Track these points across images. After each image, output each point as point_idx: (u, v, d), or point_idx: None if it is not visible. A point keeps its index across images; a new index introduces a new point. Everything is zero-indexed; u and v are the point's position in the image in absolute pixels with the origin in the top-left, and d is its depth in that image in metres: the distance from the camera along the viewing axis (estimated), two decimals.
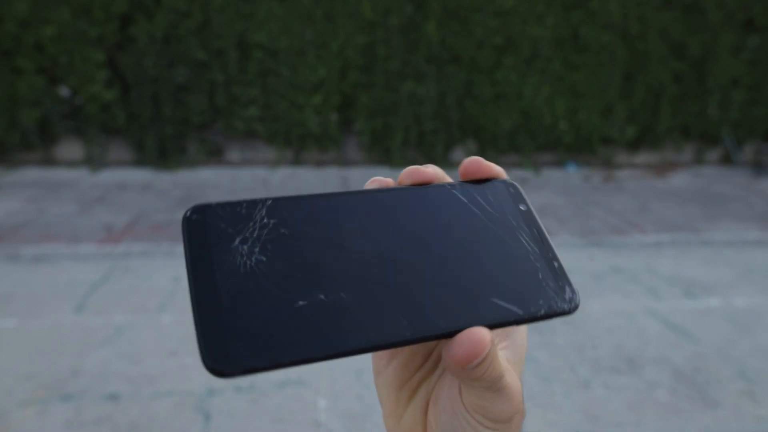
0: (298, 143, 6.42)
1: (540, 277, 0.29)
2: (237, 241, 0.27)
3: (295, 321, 0.25)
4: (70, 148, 6.16)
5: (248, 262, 0.26)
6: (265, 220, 0.28)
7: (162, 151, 6.14)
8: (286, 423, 2.08)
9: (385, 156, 6.58)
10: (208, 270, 0.26)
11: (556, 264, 0.30)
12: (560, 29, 6.42)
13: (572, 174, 6.53)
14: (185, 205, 4.82)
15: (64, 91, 5.88)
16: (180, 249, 3.75)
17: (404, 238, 0.29)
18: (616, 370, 2.47)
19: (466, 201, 0.31)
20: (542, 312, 0.28)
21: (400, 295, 0.27)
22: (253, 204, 0.28)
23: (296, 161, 6.52)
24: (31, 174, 5.75)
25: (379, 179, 0.32)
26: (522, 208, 0.32)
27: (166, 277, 3.33)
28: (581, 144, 6.77)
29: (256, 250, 0.27)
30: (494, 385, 0.27)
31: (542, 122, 6.57)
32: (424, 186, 0.32)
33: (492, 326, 0.27)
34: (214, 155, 6.43)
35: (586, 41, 6.47)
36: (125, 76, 5.94)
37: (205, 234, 0.27)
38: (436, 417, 0.30)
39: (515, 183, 0.33)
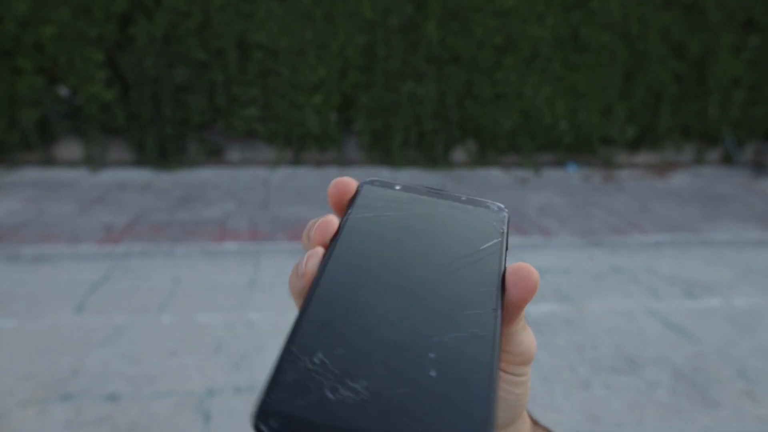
0: (298, 143, 6.42)
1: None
2: None
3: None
4: (70, 148, 6.16)
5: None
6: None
7: (162, 151, 6.14)
8: None
9: (385, 156, 6.58)
10: None
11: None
12: (560, 29, 6.42)
13: (572, 174, 6.53)
14: (185, 205, 4.82)
15: (63, 91, 5.88)
16: (179, 249, 3.75)
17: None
18: (617, 370, 2.47)
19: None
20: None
21: None
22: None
23: (296, 161, 6.52)
24: (31, 174, 5.75)
25: (342, 181, 0.31)
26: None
27: (165, 277, 3.33)
28: (581, 144, 6.77)
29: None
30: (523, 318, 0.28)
31: (542, 122, 6.56)
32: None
33: None
34: (214, 155, 6.43)
35: (586, 41, 6.47)
36: (125, 76, 5.94)
37: None
38: None
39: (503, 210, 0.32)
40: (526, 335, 0.29)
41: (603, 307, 3.09)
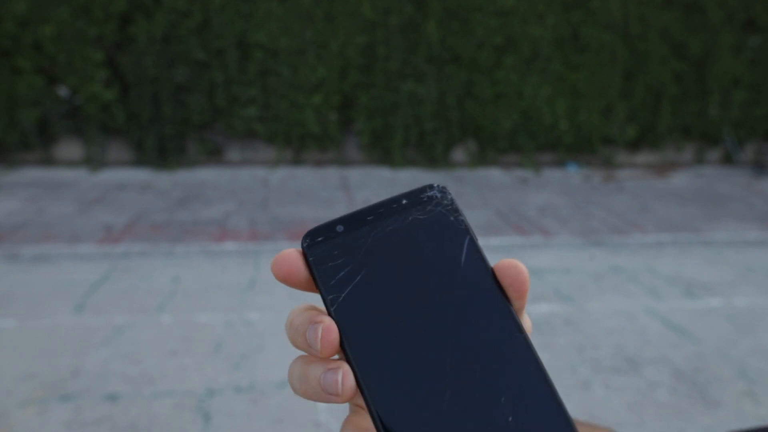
0: (297, 143, 6.42)
1: None
2: None
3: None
4: (70, 148, 6.16)
5: None
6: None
7: (162, 151, 6.14)
8: (286, 423, 2.07)
9: (385, 156, 6.58)
10: None
11: None
12: (560, 29, 6.42)
13: (572, 174, 6.53)
14: (185, 205, 4.82)
15: (62, 91, 5.88)
16: (179, 248, 3.75)
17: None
18: (617, 370, 2.47)
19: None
20: None
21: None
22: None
23: (296, 161, 6.52)
24: (31, 174, 5.75)
25: (284, 257, 0.28)
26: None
27: (165, 277, 3.33)
28: (581, 144, 6.77)
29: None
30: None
31: (542, 122, 6.57)
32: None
33: None
34: (214, 155, 6.43)
35: (587, 41, 6.47)
36: (125, 76, 5.94)
37: None
38: None
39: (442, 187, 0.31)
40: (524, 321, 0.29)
41: (603, 307, 3.09)
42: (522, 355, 0.26)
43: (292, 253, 0.28)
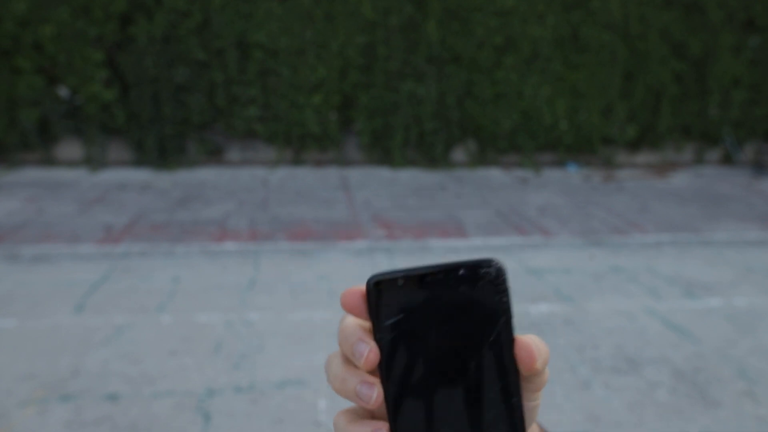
0: (297, 143, 6.42)
1: None
2: None
3: None
4: (70, 148, 6.17)
5: None
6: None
7: (162, 150, 6.14)
8: (286, 423, 2.07)
9: (385, 156, 6.58)
10: None
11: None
12: (560, 29, 6.42)
13: (573, 174, 6.54)
14: (185, 205, 4.82)
15: (62, 92, 5.88)
16: (179, 248, 3.75)
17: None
18: (617, 370, 2.47)
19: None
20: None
21: None
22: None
23: (296, 161, 6.52)
24: (31, 174, 5.76)
25: (352, 293, 0.34)
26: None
27: (165, 277, 3.33)
28: (581, 144, 6.77)
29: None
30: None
31: (542, 122, 6.57)
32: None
33: None
34: (214, 155, 6.43)
35: (587, 41, 6.47)
36: (125, 76, 5.94)
37: None
38: None
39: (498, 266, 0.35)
40: (543, 373, 0.35)
41: (603, 307, 3.09)
42: (507, 420, 0.34)
43: (357, 292, 0.34)
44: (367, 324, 0.35)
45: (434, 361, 0.34)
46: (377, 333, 0.34)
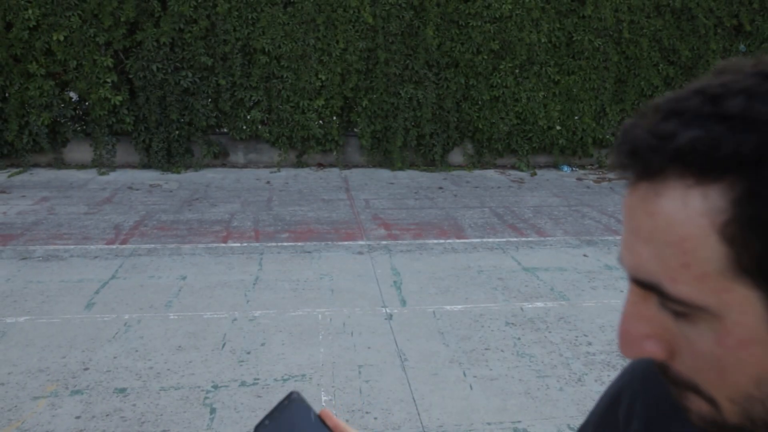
0: (300, 145, 6.53)
1: None
2: None
3: None
4: (80, 151, 6.30)
5: None
6: None
7: (169, 153, 6.26)
8: None
9: (385, 158, 6.68)
10: None
11: None
12: (555, 35, 6.53)
13: (566, 175, 6.62)
14: (191, 205, 4.93)
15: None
16: (185, 247, 3.86)
17: None
18: (609, 365, 2.54)
19: None
20: None
21: None
22: None
23: (299, 163, 6.63)
24: (42, 175, 5.87)
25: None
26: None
27: (172, 275, 3.42)
28: (575, 146, 6.87)
29: None
30: None
31: (537, 125, 6.67)
32: None
33: None
34: (219, 157, 6.55)
35: (580, 47, 6.57)
36: (133, 81, 6.07)
37: None
38: None
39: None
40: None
41: (596, 303, 3.17)
42: None
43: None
44: None
45: None
46: None
